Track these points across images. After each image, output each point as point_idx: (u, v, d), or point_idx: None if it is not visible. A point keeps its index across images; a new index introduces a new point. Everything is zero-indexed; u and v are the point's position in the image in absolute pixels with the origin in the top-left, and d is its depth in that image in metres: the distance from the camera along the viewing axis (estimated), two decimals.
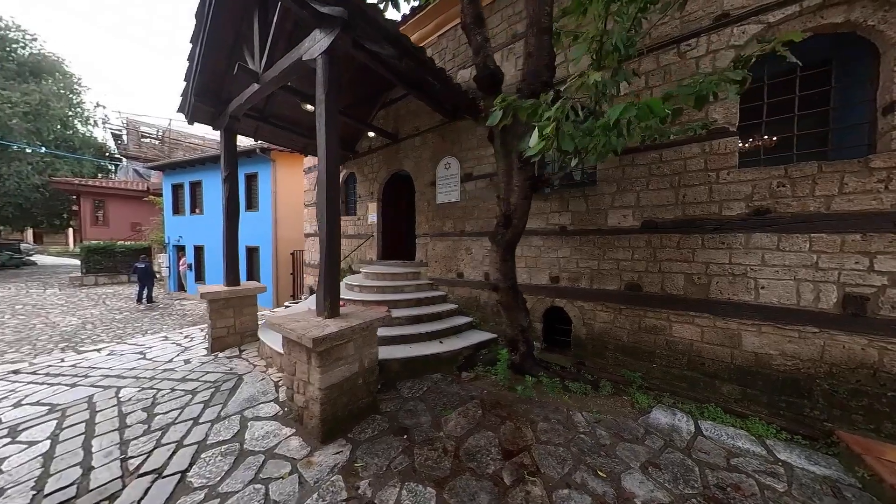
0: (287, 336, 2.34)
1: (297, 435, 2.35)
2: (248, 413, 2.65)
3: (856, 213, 2.10)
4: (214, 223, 9.89)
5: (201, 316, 8.91)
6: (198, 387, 3.11)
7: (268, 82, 3.30)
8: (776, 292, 2.36)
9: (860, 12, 2.10)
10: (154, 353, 4.21)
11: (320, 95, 2.54)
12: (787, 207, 2.32)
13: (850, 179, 2.12)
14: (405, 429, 2.45)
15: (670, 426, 2.48)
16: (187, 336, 5.06)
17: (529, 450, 2.21)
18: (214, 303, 4.04)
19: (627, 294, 3.04)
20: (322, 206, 2.57)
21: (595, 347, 3.27)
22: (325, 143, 2.54)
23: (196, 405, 2.78)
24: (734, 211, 2.51)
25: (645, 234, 2.94)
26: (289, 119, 5.20)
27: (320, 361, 2.24)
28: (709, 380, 2.65)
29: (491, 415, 2.63)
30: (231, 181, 4.32)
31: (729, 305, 2.54)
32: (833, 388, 2.18)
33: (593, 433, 2.40)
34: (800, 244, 2.28)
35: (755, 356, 2.44)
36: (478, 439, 2.32)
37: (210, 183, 10.35)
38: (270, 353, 3.67)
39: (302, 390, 2.42)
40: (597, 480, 1.94)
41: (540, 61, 1.92)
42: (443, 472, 2.02)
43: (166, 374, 3.44)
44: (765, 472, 2.00)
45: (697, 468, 2.04)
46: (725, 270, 2.55)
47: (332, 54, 2.52)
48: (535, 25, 1.90)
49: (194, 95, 3.98)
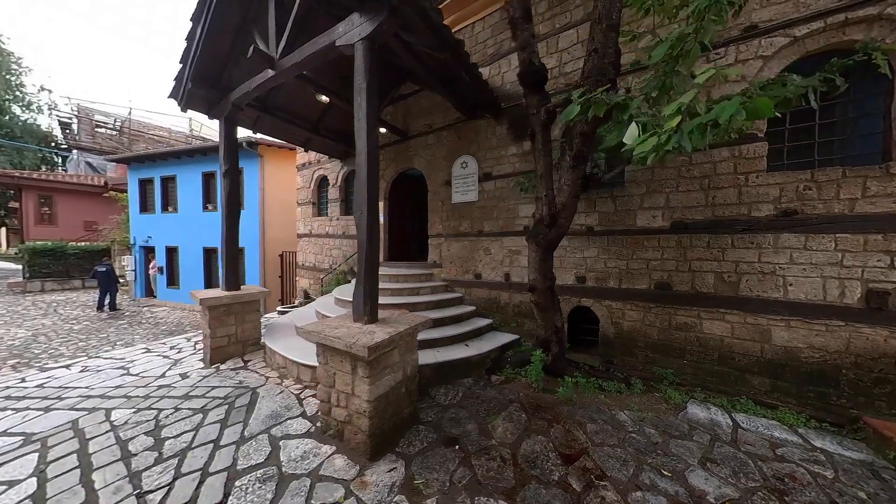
0: (329, 345, 2.14)
1: (340, 453, 2.15)
2: (275, 431, 2.39)
3: (878, 214, 2.28)
4: (190, 222, 9.12)
5: (178, 324, 8.12)
6: (207, 404, 2.78)
7: (286, 69, 3.03)
8: (804, 289, 2.51)
9: (878, 31, 2.29)
10: (139, 368, 3.73)
11: (360, 83, 2.36)
12: (813, 209, 2.48)
13: (871, 184, 2.30)
14: (454, 438, 2.33)
15: (709, 420, 2.55)
16: (173, 347, 4.55)
17: (587, 453, 2.17)
18: (214, 309, 3.66)
19: (657, 293, 3.12)
20: (362, 204, 2.39)
21: (624, 346, 3.32)
22: (367, 136, 2.36)
23: (211, 425, 2.46)
24: (763, 212, 2.65)
25: (675, 234, 3.03)
26: (291, 111, 4.87)
27: (370, 371, 2.06)
28: (739, 374, 2.77)
29: (536, 418, 2.56)
30: (232, 176, 3.95)
31: (759, 302, 2.67)
32: (858, 377, 2.34)
33: (642, 432, 2.41)
34: (826, 244, 2.44)
35: (784, 350, 2.59)
36: (531, 445, 2.25)
37: (186, 178, 9.50)
38: (284, 362, 3.38)
39: (344, 403, 2.21)
40: (664, 480, 1.93)
41: (606, 58, 1.90)
42: (508, 482, 1.92)
43: (164, 392, 3.05)
44: (810, 461, 2.10)
45: (750, 461, 2.10)
46: (755, 269, 2.69)
47: (373, 41, 2.35)
48: (605, 21, 1.88)
49: (191, 80, 3.60)
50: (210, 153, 8.97)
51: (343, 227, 6.55)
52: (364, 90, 2.35)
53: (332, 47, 2.60)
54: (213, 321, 3.66)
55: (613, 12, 1.86)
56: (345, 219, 6.55)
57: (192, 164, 9.36)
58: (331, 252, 6.83)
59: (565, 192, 2.40)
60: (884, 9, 2.24)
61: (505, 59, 4.20)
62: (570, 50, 3.64)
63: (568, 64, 3.66)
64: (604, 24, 1.87)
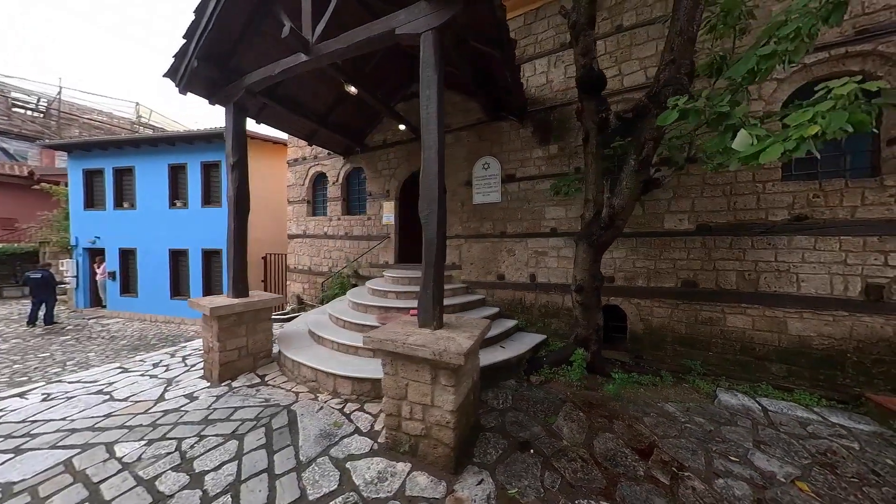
0: (410, 354, 1.98)
1: (419, 470, 2.00)
2: (335, 452, 2.15)
3: (874, 220, 2.68)
4: (153, 221, 8.04)
5: (141, 338, 7.05)
6: (237, 428, 2.43)
7: (323, 55, 2.79)
8: (814, 284, 2.86)
9: (871, 64, 2.70)
10: (125, 392, 3.16)
11: (430, 76, 2.24)
12: (821, 215, 2.84)
13: (868, 194, 2.70)
14: (526, 443, 2.28)
15: (742, 406, 2.79)
16: (157, 365, 3.94)
17: (657, 446, 2.25)
18: (224, 319, 3.23)
19: (684, 290, 3.36)
20: (431, 203, 2.26)
21: (653, 341, 3.52)
22: (437, 132, 2.25)
23: (254, 452, 2.15)
24: (778, 217, 2.99)
25: (699, 236, 3.29)
26: (300, 101, 4.49)
27: (455, 380, 1.95)
28: (759, 362, 3.07)
29: (594, 416, 2.61)
30: (241, 169, 3.53)
31: (776, 297, 2.99)
32: (860, 359, 2.72)
33: (693, 421, 2.56)
34: (832, 245, 2.81)
35: (798, 338, 2.92)
36: (603, 443, 2.29)
37: (148, 170, 8.31)
38: (313, 375, 3.08)
39: (419, 416, 2.06)
40: (735, 465, 2.07)
41: (683, 69, 2.02)
42: (599, 482, 1.93)
43: (174, 418, 2.61)
44: (835, 435, 2.39)
45: (793, 440, 2.33)
46: (772, 267, 3.01)
47: (442, 32, 2.25)
48: (684, 35, 2.00)
49: (198, 58, 3.16)
50: (179, 143, 7.96)
51: (346, 228, 6.19)
52: (435, 83, 2.24)
53: (390, 35, 2.45)
54: (223, 333, 3.22)
55: (692, 27, 1.98)
56: (347, 219, 6.19)
57: (155, 154, 8.22)
58: (330, 254, 6.41)
59: (625, 195, 2.50)
60: (876, 46, 2.64)
61: (529, 62, 4.28)
62: (599, 59, 3.80)
63: None
64: (684, 38, 1.99)
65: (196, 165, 7.91)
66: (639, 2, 3.55)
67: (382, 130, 5.69)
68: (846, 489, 1.89)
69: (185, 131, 7.71)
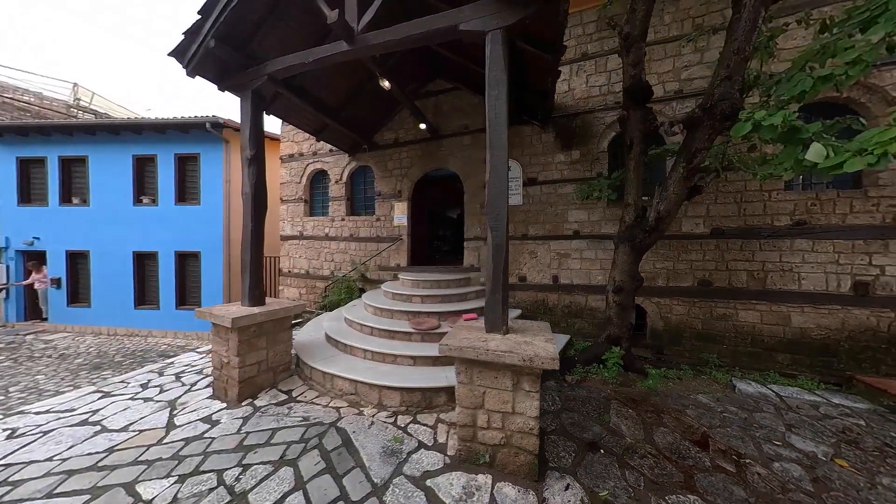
0: (496, 361, 1.90)
1: (502, 480, 1.92)
2: (408, 471, 2.01)
3: (861, 225, 3.10)
4: (112, 220, 7.06)
5: (101, 354, 6.09)
6: (285, 453, 2.17)
7: (369, 45, 2.62)
8: (812, 282, 3.25)
9: (856, 93, 3.14)
10: (119, 420, 2.70)
11: (499, 76, 2.19)
12: (818, 221, 3.24)
13: (856, 203, 3.12)
14: (593, 443, 2.31)
15: (758, 394, 3.08)
16: (147, 385, 3.43)
17: (710, 436, 2.39)
18: (245, 331, 2.89)
19: (700, 289, 3.64)
20: (498, 206, 2.21)
21: (672, 337, 3.76)
22: (505, 133, 2.20)
23: (318, 479, 1.94)
24: (782, 222, 3.35)
25: (713, 239, 3.59)
26: (315, 93, 4.18)
27: (539, 385, 1.91)
28: (767, 353, 3.42)
29: (641, 411, 2.72)
30: (258, 163, 3.20)
31: (781, 293, 3.35)
32: (850, 347, 3.14)
33: (728, 410, 2.77)
34: (827, 247, 3.21)
35: (800, 330, 3.30)
36: (662, 437, 2.38)
37: (106, 161, 7.23)
38: (352, 388, 2.87)
39: (498, 424, 2.00)
40: (781, 448, 2.26)
41: (736, 85, 2.19)
42: (677, 477, 2.00)
43: (199, 447, 2.27)
44: (842, 414, 2.72)
45: (814, 422, 2.61)
46: (777, 267, 3.37)
47: (512, 31, 2.22)
48: (741, 54, 2.16)
49: (216, 38, 2.81)
50: (148, 132, 7.03)
51: (351, 229, 5.88)
52: (504, 83, 2.19)
53: (452, 31, 2.36)
54: (243, 346, 2.88)
55: (748, 45, 2.16)
56: (352, 219, 5.89)
57: (116, 143, 7.17)
58: (332, 257, 6.05)
59: (671, 200, 2.64)
60: (867, 77, 3.07)
61: None
62: (619, 71, 4.01)
63: (617, 84, 4.03)
64: (741, 56, 2.16)
65: (168, 157, 7.04)
66: (657, 21, 3.80)
67: (394, 128, 5.50)
68: (874, 462, 2.15)
69: (156, 118, 6.81)
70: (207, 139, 6.92)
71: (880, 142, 1.48)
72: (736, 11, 2.13)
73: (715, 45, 3.61)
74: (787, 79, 2.05)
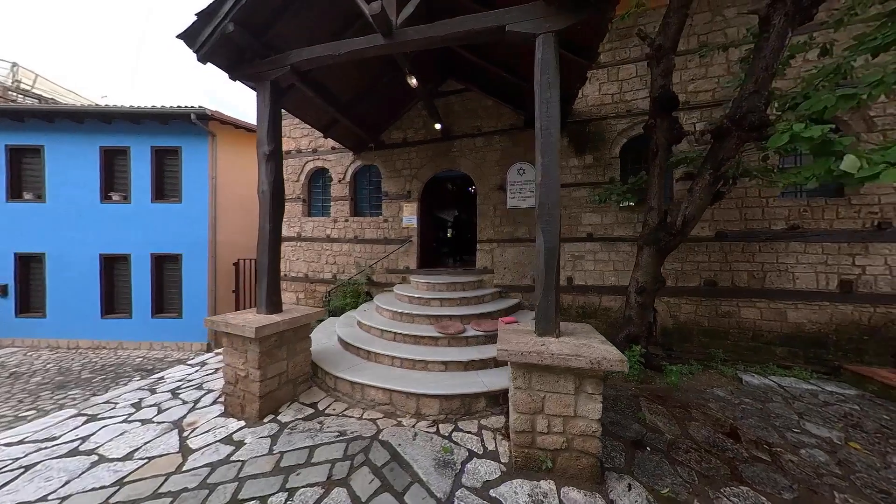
0: (565, 365, 1.89)
1: (565, 485, 1.91)
2: (468, 482, 1.94)
3: (845, 230, 3.46)
4: (74, 218, 6.32)
5: (65, 371, 5.38)
6: (332, 472, 2.01)
7: (408, 40, 2.52)
8: (805, 281, 3.58)
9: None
10: (119, 447, 2.38)
11: (551, 79, 2.19)
12: (809, 225, 3.57)
13: (841, 210, 3.48)
14: (638, 441, 2.36)
15: (765, 385, 3.33)
16: (137, 405, 3.06)
17: (738, 428, 2.54)
18: (266, 341, 2.66)
19: (706, 289, 3.89)
20: (552, 209, 2.19)
21: (681, 334, 3.98)
22: (558, 134, 2.21)
23: (378, 499, 1.81)
24: (778, 226, 3.66)
25: (718, 241, 3.85)
26: (328, 88, 3.97)
27: (602, 388, 1.92)
28: (766, 346, 3.71)
29: (670, 407, 2.83)
30: (276, 160, 2.98)
31: (778, 292, 3.65)
32: (838, 339, 3.48)
33: (744, 402, 2.96)
34: (817, 249, 3.55)
35: (795, 325, 3.61)
36: (697, 431, 2.49)
37: (66, 152, 6.40)
38: (386, 397, 2.74)
39: (559, 429, 1.98)
40: (801, 436, 2.45)
41: (762, 99, 2.36)
42: (724, 469, 2.09)
43: (230, 472, 2.04)
44: (839, 401, 3.00)
45: (818, 409, 2.86)
46: (774, 267, 3.67)
47: (562, 35, 2.23)
48: (768, 70, 2.33)
49: (235, 21, 2.58)
50: (118, 121, 6.32)
51: (355, 230, 5.65)
52: (557, 86, 2.20)
53: (499, 31, 2.33)
54: (264, 357, 2.65)
55: (776, 64, 2.34)
56: (358, 220, 5.67)
57: (79, 133, 6.37)
58: (335, 259, 5.78)
59: (697, 205, 2.79)
60: None
61: None
62: (630, 81, 4.20)
63: (628, 93, 4.21)
64: (769, 73, 2.33)
65: (145, 151, 6.38)
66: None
67: (402, 128, 5.37)
68: (880, 443, 2.39)
69: (130, 106, 6.12)
70: (191, 132, 6.35)
71: None
72: (764, 31, 2.31)
73: (717, 61, 3.89)
74: (806, 95, 2.23)
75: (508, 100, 4.68)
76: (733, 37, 3.78)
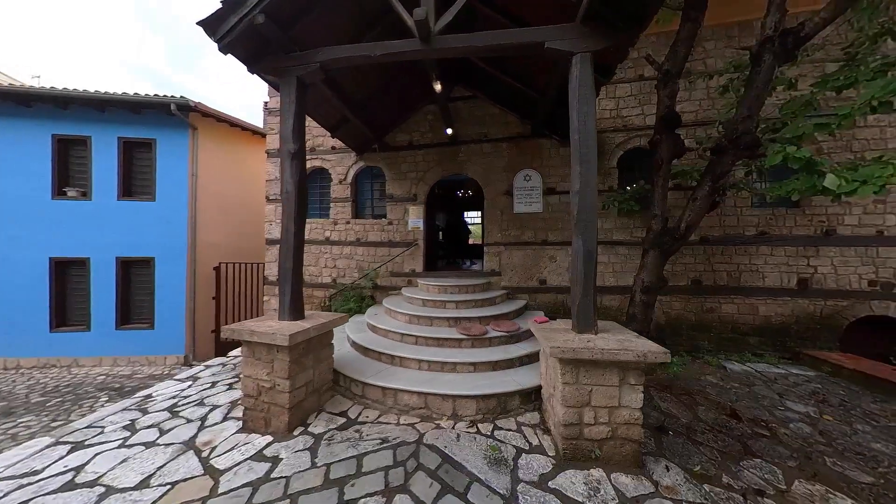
0: (615, 360, 2.04)
1: (613, 472, 2.05)
2: (524, 476, 2.01)
3: (801, 236, 4.09)
4: (15, 216, 5.50)
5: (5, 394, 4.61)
6: (388, 481, 1.97)
7: (447, 48, 2.58)
8: (772, 279, 4.15)
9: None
10: (131, 475, 2.14)
11: (587, 94, 2.37)
12: (774, 231, 4.16)
13: (798, 219, 4.10)
14: (661, 427, 2.59)
15: (745, 371, 3.80)
16: (130, 428, 2.75)
17: (737, 409, 2.89)
18: (295, 349, 2.53)
19: (693, 287, 4.35)
20: (590, 214, 2.37)
21: (672, 329, 4.40)
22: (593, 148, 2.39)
23: (443, 501, 1.81)
24: (750, 232, 4.22)
25: (702, 245, 4.33)
26: (341, 86, 3.87)
27: (644, 379, 2.11)
28: (742, 337, 4.23)
29: (676, 395, 3.14)
30: (301, 159, 2.86)
31: (751, 289, 4.20)
32: (798, 328, 4.08)
33: (733, 387, 3.35)
34: (780, 252, 4.14)
35: (764, 318, 4.17)
36: (705, 414, 2.79)
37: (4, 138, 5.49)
38: (420, 402, 2.73)
39: (605, 419, 2.13)
40: (786, 412, 2.84)
41: (754, 123, 2.74)
42: (737, 446, 2.37)
43: (275, 491, 1.93)
44: (806, 381, 3.52)
45: (792, 388, 3.33)
46: (748, 268, 4.22)
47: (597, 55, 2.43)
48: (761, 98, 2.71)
49: (265, 13, 2.46)
50: (76, 107, 5.57)
51: (358, 233, 5.51)
52: (594, 101, 2.40)
53: (537, 47, 2.48)
54: (293, 366, 2.52)
55: (766, 92, 2.74)
56: (360, 223, 5.53)
57: (25, 119, 5.50)
58: (335, 263, 5.57)
59: (696, 212, 3.15)
60: None
61: None
62: (626, 99, 4.61)
63: (624, 110, 4.61)
64: (760, 100, 2.72)
65: (110, 142, 5.68)
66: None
67: (408, 130, 5.36)
68: (842, 413, 2.85)
69: (95, 91, 5.41)
70: (168, 123, 5.78)
71: (881, 175, 2.03)
72: (756, 66, 2.71)
73: (699, 86, 4.41)
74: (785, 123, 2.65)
75: (515, 109, 4.89)
76: (711, 66, 4.32)
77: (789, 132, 2.62)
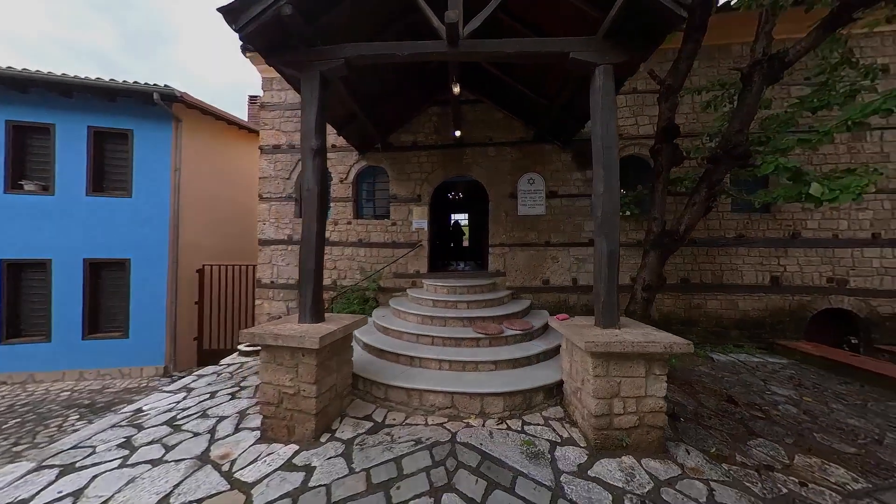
0: (645, 352, 2.17)
1: (641, 458, 2.18)
2: (564, 468, 2.08)
3: (772, 238, 4.57)
4: None
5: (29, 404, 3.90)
6: (431, 481, 1.96)
7: (475, 51, 2.64)
8: (749, 277, 4.61)
9: None
10: (146, 496, 1.96)
11: (608, 103, 2.52)
12: (751, 234, 4.62)
13: (769, 223, 4.59)
14: (673, 414, 2.77)
15: (730, 361, 4.17)
16: (127, 446, 2.53)
17: (732, 395, 3.17)
18: (321, 353, 2.43)
19: (681, 285, 4.71)
20: (613, 217, 2.50)
21: (663, 324, 4.68)
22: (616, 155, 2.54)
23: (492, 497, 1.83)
24: (730, 235, 4.65)
25: (690, 246, 4.70)
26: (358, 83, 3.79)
27: (667, 369, 2.26)
28: (724, 330, 4.64)
29: (678, 385, 3.38)
30: (323, 156, 2.78)
31: (732, 286, 4.62)
32: (772, 321, 4.55)
33: (725, 375, 3.68)
34: (755, 253, 4.61)
35: (743, 312, 4.60)
36: (706, 400, 3.04)
37: None
38: (446, 401, 2.73)
39: (633, 409, 2.26)
40: (773, 396, 3.16)
41: (743, 136, 3.05)
42: (741, 428, 2.60)
43: (317, 499, 1.85)
44: (782, 368, 3.93)
45: (773, 375, 3.71)
46: (729, 267, 4.64)
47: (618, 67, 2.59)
48: (751, 114, 3.02)
49: (291, 3, 2.38)
50: (36, 90, 4.97)
51: (360, 234, 5.38)
52: (614, 109, 2.56)
53: (562, 56, 2.60)
54: (320, 370, 2.42)
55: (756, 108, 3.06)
56: (361, 223, 5.41)
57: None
58: (335, 264, 5.40)
59: (693, 215, 3.43)
60: None
61: None
62: (621, 110, 4.92)
63: (619, 120, 4.91)
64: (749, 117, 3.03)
65: (79, 132, 5.12)
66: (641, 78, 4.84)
67: (412, 131, 5.34)
68: (817, 395, 3.22)
69: (63, 75, 4.84)
70: (147, 114, 5.32)
71: (857, 185, 2.35)
72: (747, 86, 3.04)
73: (686, 101, 4.81)
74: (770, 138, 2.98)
75: (519, 114, 5.04)
76: (696, 83, 4.74)
77: (776, 145, 2.96)
